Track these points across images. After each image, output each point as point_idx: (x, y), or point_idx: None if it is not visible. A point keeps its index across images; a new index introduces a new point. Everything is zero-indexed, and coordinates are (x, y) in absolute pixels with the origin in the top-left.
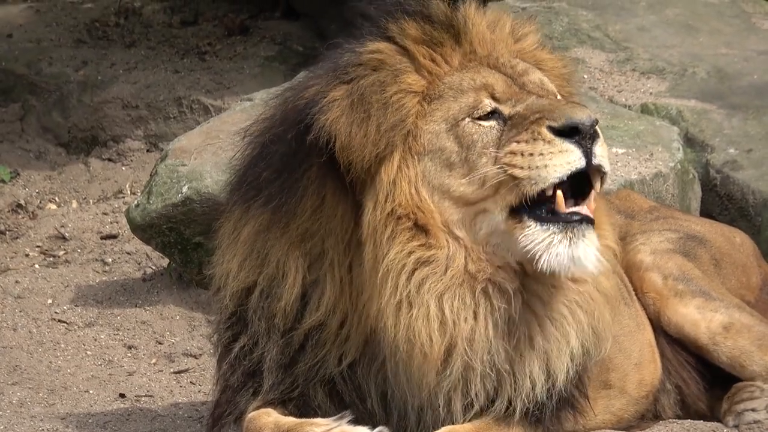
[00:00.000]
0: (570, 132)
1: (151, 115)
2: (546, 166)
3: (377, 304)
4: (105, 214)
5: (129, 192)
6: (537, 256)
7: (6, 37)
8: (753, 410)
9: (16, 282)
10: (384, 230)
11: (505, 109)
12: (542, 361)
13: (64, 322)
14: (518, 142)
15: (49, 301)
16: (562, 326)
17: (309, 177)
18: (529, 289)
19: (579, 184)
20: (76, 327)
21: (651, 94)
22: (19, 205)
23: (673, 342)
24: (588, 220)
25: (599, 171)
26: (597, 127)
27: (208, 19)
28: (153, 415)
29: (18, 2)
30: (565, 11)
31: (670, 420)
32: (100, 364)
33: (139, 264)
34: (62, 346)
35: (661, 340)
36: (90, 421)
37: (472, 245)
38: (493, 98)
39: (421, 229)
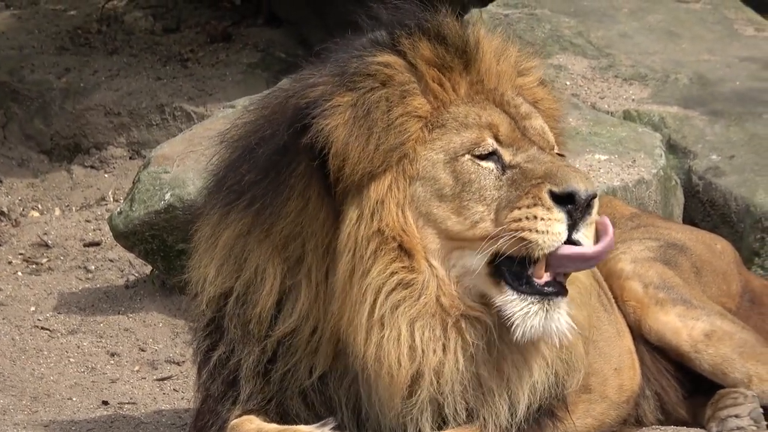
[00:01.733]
0: (566, 199)
1: (134, 122)
2: (547, 232)
3: (349, 317)
4: (88, 221)
5: (112, 199)
6: (512, 325)
7: None
8: (736, 416)
9: None
10: (367, 246)
11: (506, 155)
12: (508, 393)
13: (47, 329)
14: (519, 208)
15: (32, 308)
16: (528, 362)
17: (296, 176)
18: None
19: None
20: (59, 334)
21: (633, 100)
22: (2, 213)
23: (653, 350)
24: (562, 292)
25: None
26: (594, 201)
27: (191, 26)
28: (136, 423)
29: (0, 9)
30: (547, 18)
31: (654, 427)
32: (83, 372)
33: (122, 271)
34: (45, 353)
35: (641, 347)
36: (73, 428)
37: (444, 278)
38: (496, 139)
39: (405, 252)
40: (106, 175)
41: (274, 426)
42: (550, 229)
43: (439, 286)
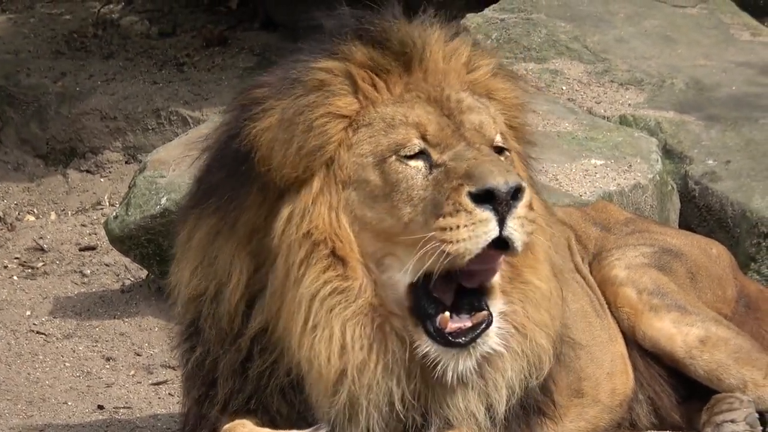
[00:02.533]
0: (486, 197)
1: (130, 126)
2: (470, 238)
3: (285, 323)
4: (83, 225)
5: (107, 203)
6: (442, 372)
7: None
8: (732, 421)
9: None
10: (298, 251)
11: (434, 154)
12: (476, 396)
13: (43, 333)
14: (444, 216)
15: (28, 312)
16: (496, 361)
17: (252, 172)
18: None
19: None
20: (54, 339)
21: (629, 105)
22: None
23: (646, 355)
24: (477, 334)
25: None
26: (523, 193)
27: (187, 30)
28: (131, 427)
29: None
30: (543, 22)
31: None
32: (79, 376)
33: (117, 276)
34: (41, 357)
35: (634, 353)
36: None
37: (378, 281)
38: (424, 139)
39: (338, 258)
40: (101, 180)
41: (266, 430)
42: (473, 234)
43: (375, 288)
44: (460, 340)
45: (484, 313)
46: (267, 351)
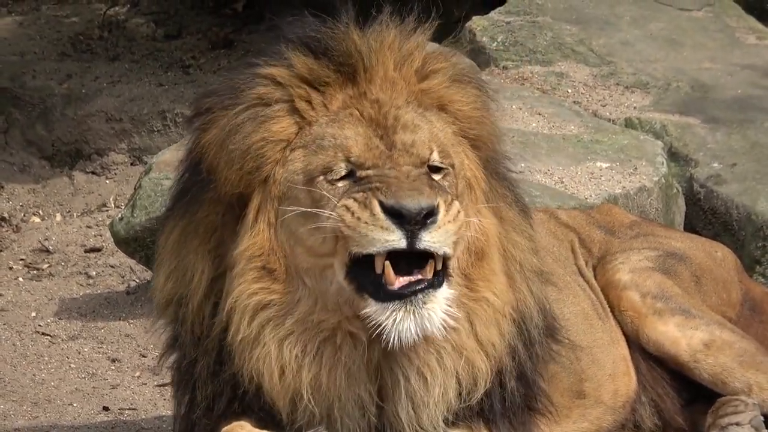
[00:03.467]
0: (396, 214)
1: (135, 128)
2: (367, 235)
3: (230, 332)
4: (89, 227)
5: (113, 205)
6: (385, 334)
7: None
8: (737, 424)
9: (0, 295)
10: (237, 264)
11: (360, 172)
12: (411, 406)
13: (48, 335)
14: (354, 199)
15: (33, 314)
16: (426, 374)
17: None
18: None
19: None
20: (59, 340)
21: (635, 108)
22: (3, 218)
23: (649, 358)
24: (429, 285)
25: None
26: (438, 215)
27: (192, 33)
28: (137, 428)
29: (2, 15)
30: (549, 25)
31: None
32: (84, 377)
33: (123, 277)
34: (46, 359)
35: (637, 356)
36: None
37: (321, 295)
38: (348, 161)
39: (268, 271)
40: (107, 181)
41: None
42: (370, 233)
43: (315, 303)
44: (409, 290)
45: (431, 272)
46: (235, 352)
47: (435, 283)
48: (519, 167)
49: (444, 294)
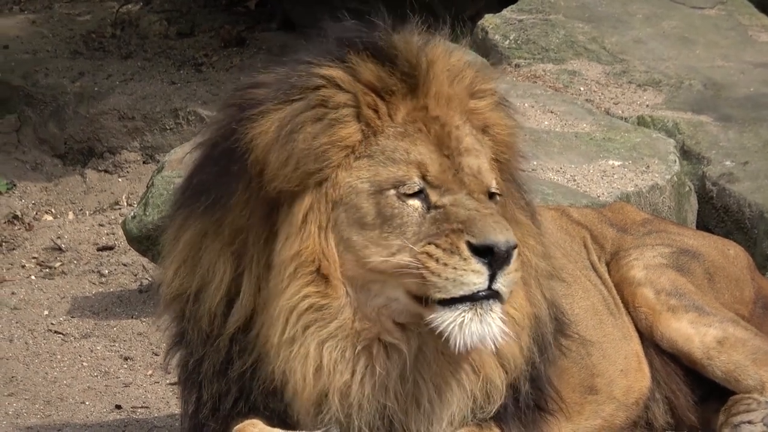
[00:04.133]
0: (485, 252)
1: (148, 126)
2: (455, 280)
3: (265, 332)
4: (101, 225)
5: (125, 203)
6: (450, 337)
7: (2, 49)
8: (749, 422)
9: (13, 293)
10: (288, 266)
11: (433, 196)
12: (425, 420)
13: (61, 333)
14: (437, 246)
15: (46, 312)
16: (445, 393)
17: (240, 170)
18: (422, 352)
19: None
20: (72, 338)
21: (647, 106)
22: (16, 217)
23: (663, 354)
24: (495, 295)
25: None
26: (513, 252)
27: (205, 31)
28: (149, 427)
29: (14, 13)
30: (561, 23)
31: None
32: (97, 376)
33: (135, 275)
34: (58, 357)
35: (651, 351)
36: None
37: (362, 305)
38: (424, 179)
39: (322, 276)
40: (119, 180)
41: (277, 430)
42: (459, 278)
43: (355, 312)
44: (482, 293)
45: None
46: (246, 352)
47: (495, 294)
48: (531, 165)
49: (500, 308)
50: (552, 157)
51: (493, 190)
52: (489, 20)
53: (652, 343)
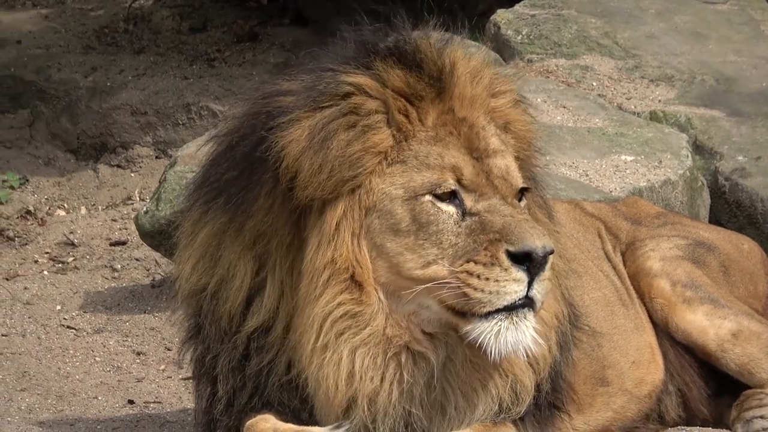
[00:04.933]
0: (523, 258)
1: (160, 121)
2: (498, 292)
3: (299, 338)
4: (114, 220)
5: (138, 198)
6: (486, 346)
7: (15, 44)
8: (762, 417)
9: (25, 288)
10: (322, 273)
11: (468, 200)
12: (449, 427)
13: (73, 328)
14: (476, 262)
15: (58, 307)
16: (472, 399)
17: (265, 177)
18: (450, 361)
19: None
20: (84, 333)
21: (660, 101)
22: (28, 212)
23: (677, 345)
24: (530, 303)
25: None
26: (549, 258)
27: (217, 26)
28: (162, 422)
29: (27, 8)
30: (574, 18)
31: (680, 428)
32: (109, 371)
33: (147, 270)
34: (71, 352)
35: (665, 342)
36: (99, 427)
37: (393, 312)
38: (459, 182)
39: (356, 283)
40: (132, 175)
41: (289, 426)
42: (501, 289)
43: (387, 318)
44: (519, 302)
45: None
46: (264, 349)
47: (530, 302)
48: (544, 161)
49: (533, 316)
50: (564, 152)
51: (522, 186)
52: (501, 15)
53: (666, 334)
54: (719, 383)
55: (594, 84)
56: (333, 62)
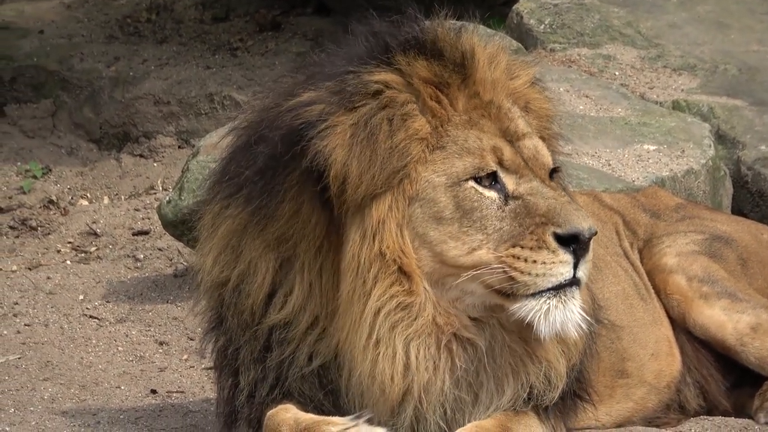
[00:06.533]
0: (569, 240)
1: (183, 111)
2: (545, 274)
3: (348, 335)
4: (137, 210)
5: (161, 188)
6: (536, 325)
7: (37, 33)
8: None
9: (48, 278)
10: (370, 268)
11: (509, 183)
12: (477, 413)
13: (96, 318)
14: (522, 247)
15: (81, 297)
16: (503, 384)
17: (289, 182)
18: (491, 346)
19: None
20: (107, 323)
21: (682, 90)
22: (51, 201)
23: (694, 340)
24: (576, 282)
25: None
26: (593, 240)
27: (240, 15)
28: (184, 411)
29: None
30: (596, 8)
31: (702, 417)
32: (132, 360)
33: (170, 260)
34: (93, 342)
35: (682, 337)
36: (121, 417)
37: (439, 299)
38: (500, 164)
39: (404, 274)
40: (155, 164)
41: (309, 416)
42: (548, 272)
43: (435, 307)
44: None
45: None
46: (285, 342)
47: (576, 281)
48: (566, 150)
49: (579, 295)
50: (587, 141)
51: (553, 166)
52: (524, 4)
53: (683, 329)
54: (738, 375)
55: (616, 73)
56: (351, 64)
